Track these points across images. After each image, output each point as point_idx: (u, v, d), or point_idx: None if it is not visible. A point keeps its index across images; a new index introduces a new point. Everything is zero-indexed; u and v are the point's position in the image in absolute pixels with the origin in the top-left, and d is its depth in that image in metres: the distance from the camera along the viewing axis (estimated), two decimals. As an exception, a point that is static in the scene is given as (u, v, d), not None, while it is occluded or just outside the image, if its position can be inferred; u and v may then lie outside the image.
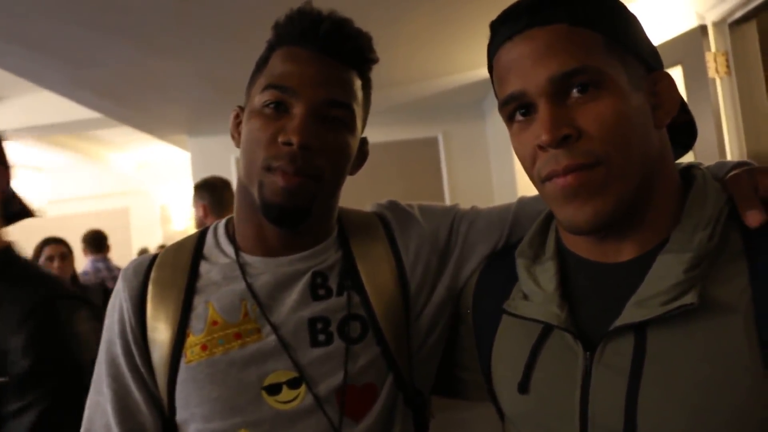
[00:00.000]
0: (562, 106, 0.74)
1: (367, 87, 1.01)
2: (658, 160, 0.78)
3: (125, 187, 8.40)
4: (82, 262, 4.13)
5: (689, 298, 0.70)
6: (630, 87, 0.75)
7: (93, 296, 3.33)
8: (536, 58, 0.75)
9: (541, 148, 0.75)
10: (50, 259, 3.26)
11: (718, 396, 0.68)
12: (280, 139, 0.90)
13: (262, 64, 0.98)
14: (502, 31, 0.79)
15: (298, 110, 0.91)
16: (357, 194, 1.05)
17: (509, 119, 0.81)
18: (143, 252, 6.69)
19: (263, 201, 0.92)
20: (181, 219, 8.13)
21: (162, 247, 7.11)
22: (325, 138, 0.92)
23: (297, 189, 0.90)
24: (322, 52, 0.93)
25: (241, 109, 1.01)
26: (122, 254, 6.90)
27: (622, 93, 0.74)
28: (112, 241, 7.15)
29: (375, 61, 1.00)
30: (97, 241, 4.57)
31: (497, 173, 5.31)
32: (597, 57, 0.74)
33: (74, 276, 3.38)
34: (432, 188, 5.37)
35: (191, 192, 3.22)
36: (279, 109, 0.92)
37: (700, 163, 0.85)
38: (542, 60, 0.74)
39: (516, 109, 0.78)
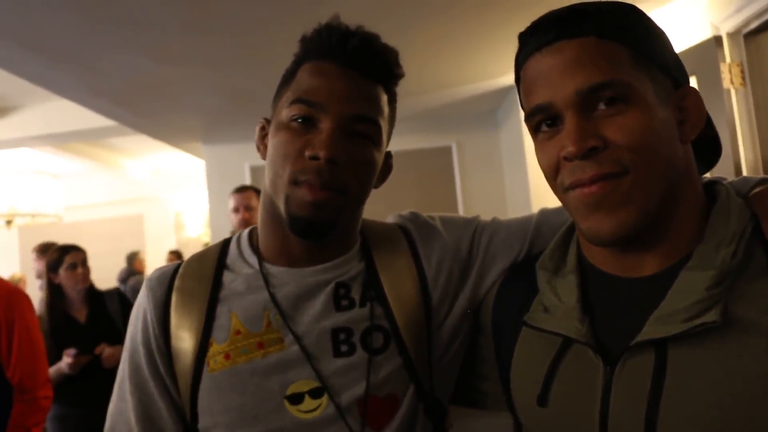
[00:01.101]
0: (588, 118, 0.74)
1: (393, 101, 1.02)
2: (683, 175, 0.78)
3: (139, 194, 8.46)
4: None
5: (711, 316, 0.69)
6: (657, 101, 0.75)
7: (108, 302, 3.34)
8: (564, 70, 0.75)
9: (566, 159, 0.75)
10: (73, 266, 3.26)
11: (739, 415, 0.67)
12: (308, 153, 0.90)
13: (289, 77, 0.98)
14: (531, 42, 0.80)
15: (325, 125, 0.91)
16: (371, 202, 1.06)
17: (535, 130, 0.81)
18: (131, 257, 6.64)
19: (289, 214, 0.92)
20: (194, 226, 8.17)
21: (173, 253, 7.15)
22: (351, 152, 0.92)
23: (323, 203, 0.91)
24: (349, 67, 0.94)
25: (267, 121, 1.02)
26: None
27: (649, 107, 0.74)
28: (126, 247, 7.21)
29: (401, 76, 1.01)
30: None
31: (510, 182, 5.29)
32: (625, 71, 0.74)
33: (91, 284, 3.39)
34: (445, 197, 5.36)
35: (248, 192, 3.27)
36: (306, 123, 0.92)
37: (724, 179, 0.85)
38: (570, 72, 0.75)
39: (542, 120, 0.79)
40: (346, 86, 0.93)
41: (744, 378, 0.68)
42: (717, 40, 2.62)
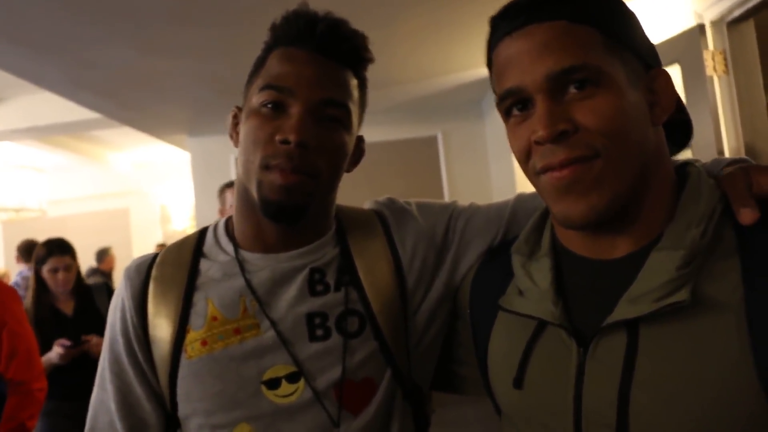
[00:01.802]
0: (559, 101, 0.74)
1: (363, 86, 1.03)
2: (654, 157, 0.79)
3: (125, 187, 8.40)
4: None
5: (681, 296, 0.70)
6: (628, 84, 0.76)
7: (97, 297, 3.32)
8: (535, 54, 0.75)
9: (537, 143, 0.75)
10: (54, 271, 3.23)
11: (709, 393, 0.68)
12: (278, 138, 0.91)
13: (259, 64, 0.99)
14: (502, 26, 0.80)
15: (295, 110, 0.92)
16: (356, 193, 1.06)
17: (506, 114, 0.81)
18: (101, 254, 6.48)
19: (262, 198, 0.93)
20: (180, 219, 8.14)
21: (161, 246, 7.11)
22: (321, 136, 0.93)
23: (295, 186, 0.92)
24: (318, 52, 0.95)
25: (239, 109, 1.02)
26: (122, 254, 6.92)
27: (620, 90, 0.74)
28: (112, 241, 7.16)
29: (371, 60, 1.02)
30: (29, 250, 4.50)
31: (496, 172, 5.31)
32: (595, 54, 0.74)
33: (79, 277, 3.36)
34: (431, 187, 5.38)
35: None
36: (276, 108, 0.93)
37: (697, 160, 0.86)
38: (541, 56, 0.75)
39: (513, 104, 0.79)
40: (314, 71, 0.94)
41: (714, 356, 0.69)
42: (700, 28, 2.63)
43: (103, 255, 6.61)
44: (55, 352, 3.00)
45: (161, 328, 0.98)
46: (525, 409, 0.84)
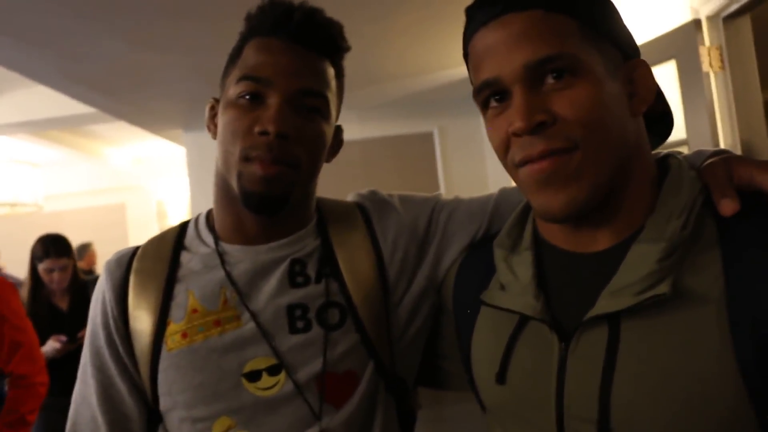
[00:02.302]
0: (537, 92, 0.73)
1: (340, 76, 1.02)
2: (634, 149, 0.78)
3: (121, 182, 8.38)
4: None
5: (662, 288, 0.69)
6: (606, 74, 0.75)
7: (92, 291, 3.30)
8: (511, 44, 0.74)
9: (515, 134, 0.74)
10: (49, 271, 3.23)
11: (690, 386, 0.68)
12: (257, 129, 0.91)
13: (235, 55, 0.98)
14: (478, 16, 0.79)
15: (273, 100, 0.92)
16: (352, 188, 1.05)
17: (483, 106, 0.80)
18: (81, 250, 6.30)
19: (242, 190, 0.93)
20: (177, 214, 8.12)
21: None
22: (300, 127, 0.93)
23: (275, 177, 0.91)
24: (294, 42, 0.94)
25: (216, 101, 1.02)
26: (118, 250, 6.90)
27: (598, 80, 0.73)
28: (108, 236, 7.13)
29: (347, 49, 1.01)
30: None
31: (492, 168, 5.30)
32: (573, 43, 0.73)
33: (75, 274, 3.36)
34: (427, 183, 5.36)
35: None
36: (254, 99, 0.93)
37: (679, 152, 0.85)
38: (517, 46, 0.74)
39: (490, 95, 0.78)
40: (291, 61, 0.93)
41: (695, 349, 0.68)
42: (696, 24, 2.62)
43: (83, 251, 6.35)
44: (51, 347, 3.00)
45: (142, 320, 0.98)
46: (508, 404, 0.84)
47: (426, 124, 5.45)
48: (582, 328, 0.75)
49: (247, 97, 0.93)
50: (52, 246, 3.26)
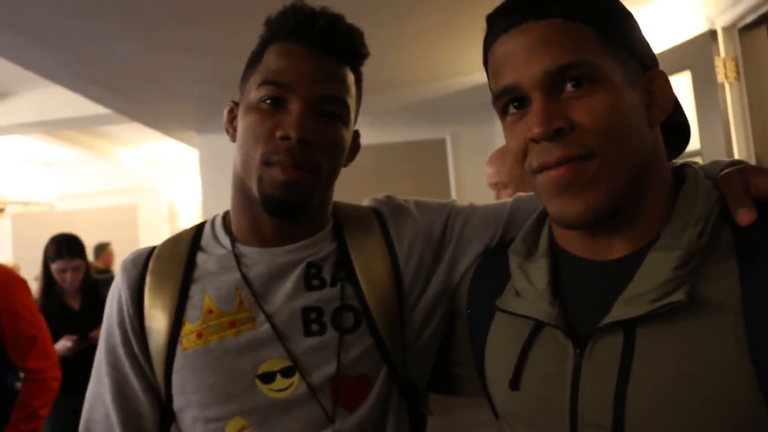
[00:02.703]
0: (555, 99, 0.74)
1: (359, 81, 1.03)
2: (652, 158, 0.78)
3: (133, 183, 8.43)
4: None
5: (678, 296, 0.70)
6: (625, 83, 0.75)
7: (104, 290, 3.32)
8: (531, 51, 0.75)
9: (534, 140, 0.75)
10: (62, 271, 3.25)
11: (705, 394, 0.68)
12: (278, 134, 0.91)
13: (255, 59, 0.99)
14: (498, 24, 0.80)
15: (294, 105, 0.92)
16: (364, 193, 1.06)
17: (503, 112, 0.81)
18: (99, 250, 6.31)
19: (263, 194, 0.93)
20: (188, 216, 8.15)
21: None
22: (321, 132, 0.93)
23: (296, 182, 0.92)
24: (316, 48, 0.95)
25: (235, 104, 1.02)
26: (130, 250, 6.93)
27: (617, 89, 0.74)
28: (119, 237, 7.15)
29: (366, 56, 1.02)
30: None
31: (504, 176, 5.28)
32: (591, 52, 0.74)
33: (87, 273, 3.37)
34: (439, 190, 5.35)
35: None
36: (275, 104, 0.93)
37: (695, 162, 0.85)
38: (537, 53, 0.74)
39: (509, 102, 0.79)
40: (313, 67, 0.94)
41: (711, 357, 0.68)
42: (712, 35, 2.61)
43: (100, 251, 6.36)
44: (63, 345, 3.02)
45: (157, 320, 0.98)
46: (521, 411, 0.84)
47: (439, 130, 5.45)
48: (597, 335, 0.75)
49: (269, 101, 0.93)
50: (65, 246, 3.28)
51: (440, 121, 5.40)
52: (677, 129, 0.89)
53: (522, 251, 0.89)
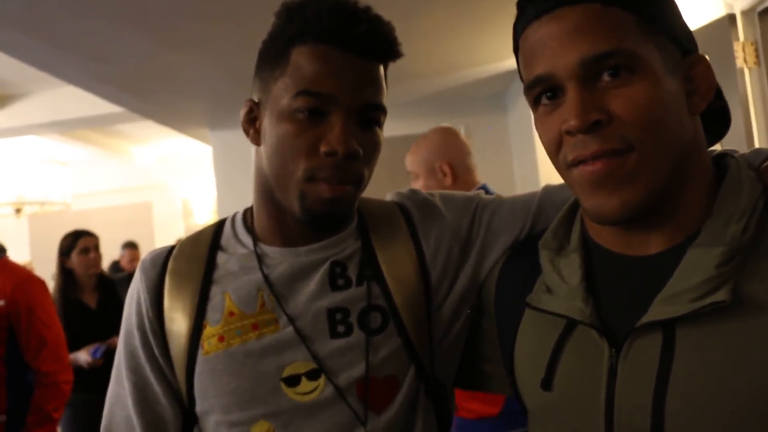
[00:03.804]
0: (592, 89, 0.70)
1: (387, 75, 0.98)
2: (692, 149, 0.74)
3: (147, 181, 8.45)
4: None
5: (721, 295, 0.66)
6: (665, 71, 0.71)
7: (121, 288, 3.35)
8: (566, 38, 0.71)
9: (569, 133, 0.72)
10: (86, 251, 3.28)
11: (751, 400, 0.65)
12: (324, 150, 0.87)
13: (278, 57, 0.91)
14: (530, 9, 0.76)
15: (336, 117, 0.88)
16: (378, 185, 1.04)
17: (535, 103, 0.77)
18: (129, 244, 6.33)
19: (307, 210, 0.90)
20: (202, 213, 8.17)
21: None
22: (364, 142, 0.90)
23: (342, 198, 0.90)
24: (354, 52, 0.89)
25: (254, 103, 0.97)
26: (145, 248, 6.96)
27: (657, 77, 0.70)
28: (134, 234, 7.19)
29: (402, 54, 0.96)
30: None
31: (519, 167, 5.25)
32: (630, 39, 0.70)
33: (102, 272, 3.41)
34: (453, 182, 5.33)
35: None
36: (314, 113, 0.88)
37: (735, 151, 0.81)
38: (572, 41, 0.71)
39: (543, 92, 0.75)
40: (354, 75, 0.89)
41: (756, 360, 0.65)
42: (730, 18, 2.56)
43: (126, 248, 6.24)
44: (84, 360, 3.04)
45: (177, 322, 0.96)
46: (553, 411, 0.81)
47: (452, 122, 5.40)
48: (634, 335, 0.72)
49: (306, 111, 0.88)
50: (81, 231, 3.32)
51: (454, 113, 5.36)
52: (716, 115, 0.85)
53: (553, 245, 0.86)
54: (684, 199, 0.74)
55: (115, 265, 6.42)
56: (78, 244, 3.26)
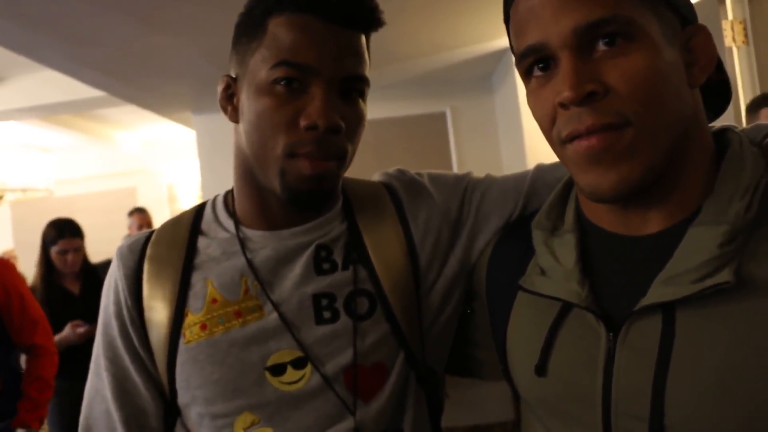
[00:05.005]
0: (587, 59, 0.67)
1: (368, 47, 0.94)
2: (692, 123, 0.71)
3: (132, 166, 8.39)
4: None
5: (724, 276, 0.63)
6: (663, 40, 0.68)
7: (102, 274, 3.30)
8: (559, 5, 0.67)
9: (562, 105, 0.68)
10: (63, 252, 3.23)
11: (754, 383, 0.62)
12: (304, 123, 0.83)
13: (254, 28, 0.88)
14: None
15: (317, 89, 0.84)
16: (364, 169, 1.01)
17: (526, 74, 0.74)
18: (135, 211, 6.05)
19: (288, 188, 0.86)
20: (187, 197, 8.13)
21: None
22: (346, 115, 0.86)
23: (325, 174, 0.86)
24: (334, 21, 0.85)
25: (232, 78, 0.93)
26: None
27: (655, 46, 0.67)
28: (119, 220, 7.13)
29: (384, 23, 0.92)
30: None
31: (506, 149, 5.24)
32: (628, 5, 0.66)
33: (85, 259, 3.36)
34: (440, 164, 5.31)
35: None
36: (293, 85, 0.84)
37: (735, 126, 0.78)
38: (566, 8, 0.67)
39: (535, 62, 0.71)
40: (335, 44, 0.85)
41: (759, 344, 0.62)
42: (719, -3, 2.56)
43: (135, 212, 5.53)
44: (70, 332, 3.04)
45: (157, 310, 0.93)
46: (547, 398, 0.79)
47: (438, 104, 5.40)
48: (632, 318, 0.69)
49: (284, 83, 0.84)
50: (65, 227, 3.27)
51: (440, 95, 5.34)
52: (716, 89, 0.81)
53: (546, 225, 0.83)
54: (684, 175, 0.71)
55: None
56: (58, 243, 3.23)
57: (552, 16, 0.68)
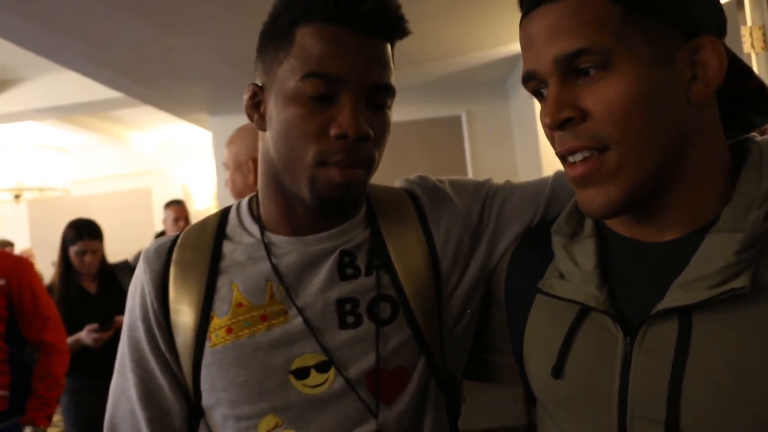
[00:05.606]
0: (570, 86, 0.71)
1: (393, 55, 0.96)
2: (692, 137, 0.72)
3: (147, 166, 8.44)
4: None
5: (740, 282, 0.65)
6: (650, 62, 0.69)
7: (120, 276, 3.34)
8: (545, 36, 0.72)
9: (548, 128, 0.73)
10: (82, 253, 3.26)
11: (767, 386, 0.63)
12: (334, 132, 0.85)
13: (281, 39, 0.89)
14: (524, 4, 0.76)
15: (346, 99, 0.85)
16: (379, 172, 1.01)
17: (535, 95, 0.78)
18: (172, 203, 6.00)
19: (318, 195, 0.88)
20: (202, 198, 8.16)
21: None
22: (374, 124, 0.88)
23: (354, 181, 0.88)
24: (362, 31, 0.86)
25: (258, 87, 0.94)
26: (145, 233, 6.96)
27: (636, 72, 0.68)
28: (134, 220, 7.19)
29: (410, 32, 0.93)
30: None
31: (521, 153, 5.23)
32: (607, 32, 0.68)
33: (103, 259, 3.39)
34: (455, 168, 5.30)
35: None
36: (323, 96, 0.86)
37: (755, 135, 0.79)
38: (549, 39, 0.71)
39: (537, 86, 0.76)
40: (363, 55, 0.86)
41: None
42: (738, 2, 2.54)
43: (171, 205, 5.13)
44: (90, 337, 3.05)
45: (184, 314, 0.94)
46: (564, 400, 0.80)
47: (454, 107, 5.39)
48: (649, 322, 0.71)
49: (315, 94, 0.86)
50: (85, 229, 3.30)
51: (455, 98, 5.33)
52: (758, 94, 0.80)
53: (566, 231, 0.85)
54: (690, 187, 0.73)
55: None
56: (77, 243, 3.26)
57: (540, 46, 0.72)
